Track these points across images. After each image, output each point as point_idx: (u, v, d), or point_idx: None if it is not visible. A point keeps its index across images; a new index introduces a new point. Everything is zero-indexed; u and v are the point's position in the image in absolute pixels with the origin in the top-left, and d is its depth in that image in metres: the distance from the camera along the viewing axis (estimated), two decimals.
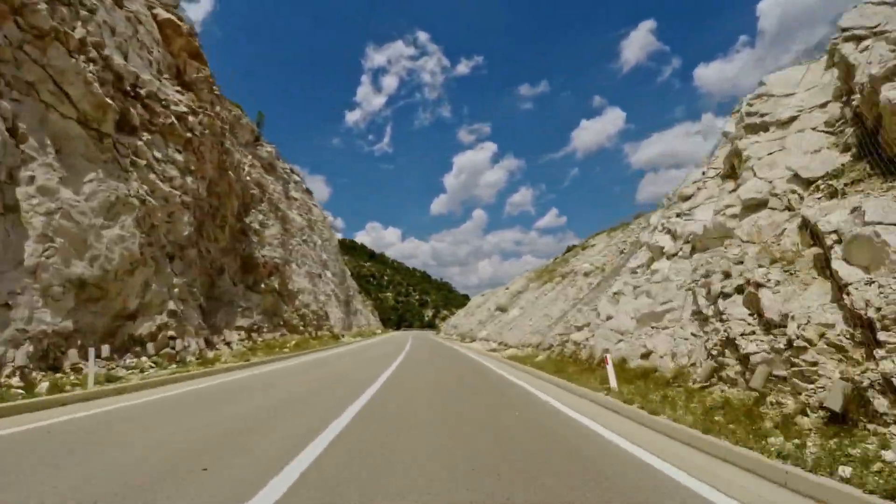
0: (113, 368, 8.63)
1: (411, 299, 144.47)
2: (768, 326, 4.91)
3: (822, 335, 4.19)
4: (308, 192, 47.86)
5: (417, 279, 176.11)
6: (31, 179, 8.37)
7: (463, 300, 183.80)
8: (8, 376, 6.70)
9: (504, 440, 4.18)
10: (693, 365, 6.14)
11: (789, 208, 6.38)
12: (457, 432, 4.48)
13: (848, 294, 4.16)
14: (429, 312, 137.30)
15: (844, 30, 6.78)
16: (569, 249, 32.99)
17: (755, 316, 5.23)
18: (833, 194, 5.54)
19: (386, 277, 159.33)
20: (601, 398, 6.24)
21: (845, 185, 5.45)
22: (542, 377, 9.38)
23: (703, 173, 10.35)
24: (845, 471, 2.86)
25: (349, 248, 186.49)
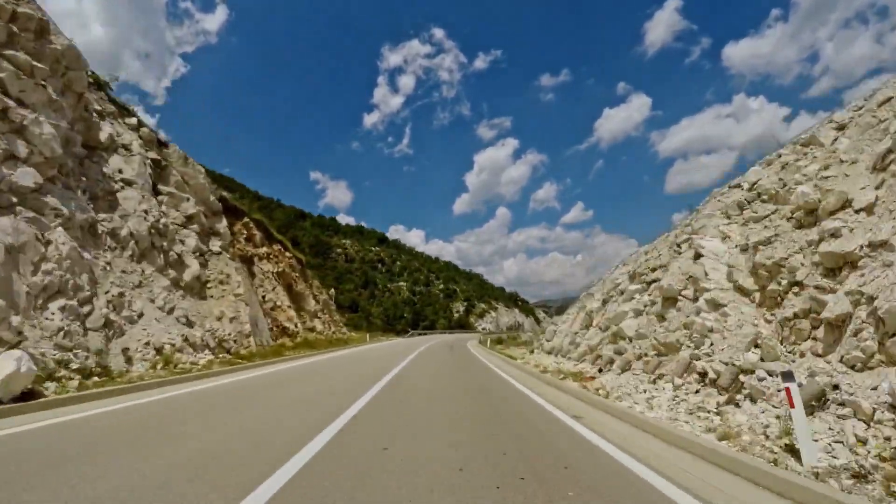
0: None
1: (433, 289, 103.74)
2: None
3: None
4: None
5: (441, 266, 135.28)
6: None
7: (500, 293, 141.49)
8: None
9: None
10: None
11: None
12: None
13: None
14: (458, 307, 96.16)
15: None
16: None
17: None
18: None
19: (398, 263, 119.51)
20: None
21: None
22: None
23: None
24: None
25: (355, 232, 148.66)
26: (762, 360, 5.76)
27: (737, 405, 5.38)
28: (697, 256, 8.97)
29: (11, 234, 7.95)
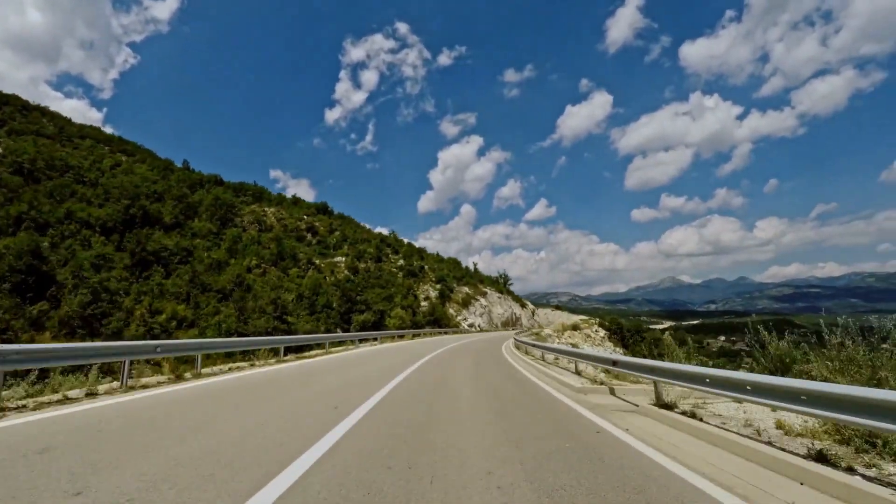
0: None
1: (386, 266, 66.44)
2: None
3: None
4: None
5: (400, 242, 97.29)
6: None
7: (480, 275, 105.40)
8: None
9: None
10: None
11: None
12: None
13: None
14: (430, 291, 59.61)
15: None
16: None
17: None
18: None
19: (338, 233, 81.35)
20: None
21: None
22: None
23: None
24: None
25: (289, 204, 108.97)
26: None
27: None
28: None
29: None
